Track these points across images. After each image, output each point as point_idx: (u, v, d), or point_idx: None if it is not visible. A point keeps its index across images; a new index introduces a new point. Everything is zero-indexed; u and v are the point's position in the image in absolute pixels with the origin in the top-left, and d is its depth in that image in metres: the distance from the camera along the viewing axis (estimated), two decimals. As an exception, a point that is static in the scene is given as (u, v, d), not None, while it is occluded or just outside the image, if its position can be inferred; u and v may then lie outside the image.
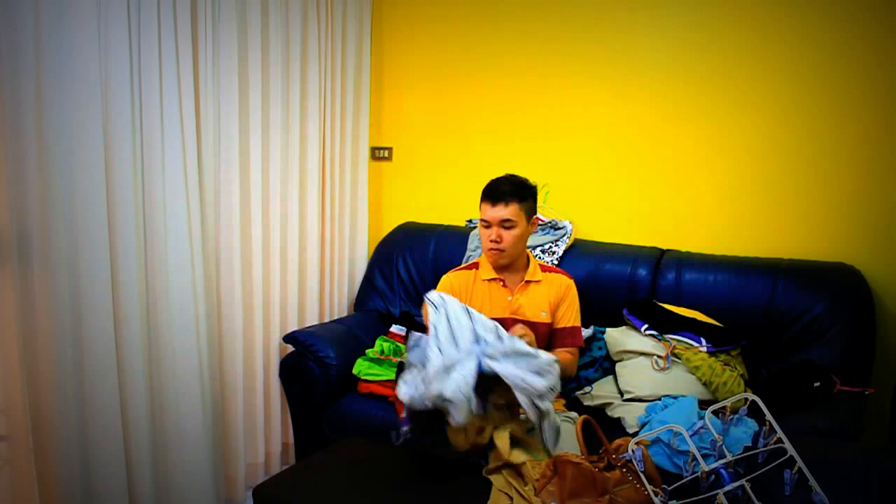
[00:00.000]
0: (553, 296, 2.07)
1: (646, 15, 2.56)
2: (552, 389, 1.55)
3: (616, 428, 2.06)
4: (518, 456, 1.63)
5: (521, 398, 1.52)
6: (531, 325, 2.04)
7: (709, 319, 2.22)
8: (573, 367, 2.10)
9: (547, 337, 2.08)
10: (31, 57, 1.70)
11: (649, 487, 1.43)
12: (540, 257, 2.50)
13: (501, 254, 2.01)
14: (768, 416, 1.48)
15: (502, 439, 1.60)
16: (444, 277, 2.16)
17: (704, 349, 2.12)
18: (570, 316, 2.09)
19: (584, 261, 2.49)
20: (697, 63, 2.49)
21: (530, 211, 2.04)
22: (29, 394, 1.76)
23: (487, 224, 2.01)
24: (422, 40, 3.01)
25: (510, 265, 2.08)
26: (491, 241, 2.00)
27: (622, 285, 2.41)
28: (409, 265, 2.86)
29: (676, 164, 2.56)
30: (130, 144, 1.98)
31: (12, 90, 1.68)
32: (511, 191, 1.99)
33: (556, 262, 2.50)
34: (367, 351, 2.53)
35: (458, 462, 1.70)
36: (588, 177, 2.73)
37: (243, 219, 2.45)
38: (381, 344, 2.57)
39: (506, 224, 1.98)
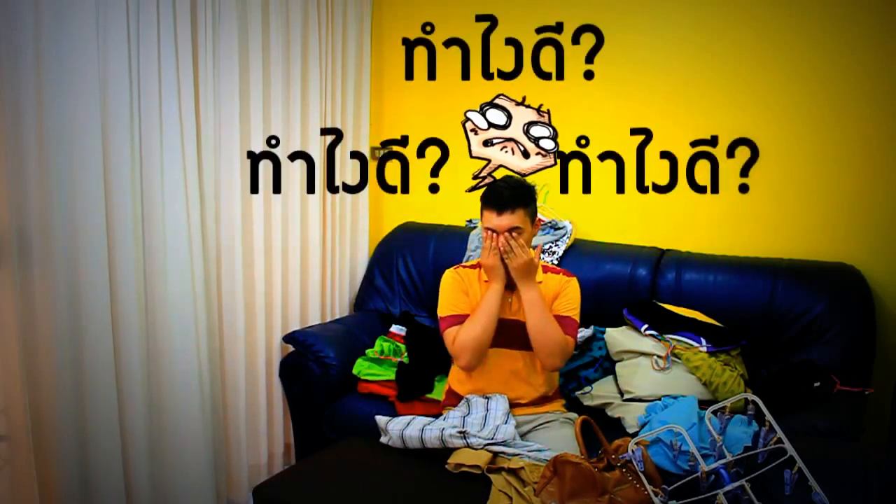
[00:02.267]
0: (551, 295, 2.06)
1: (645, 15, 2.56)
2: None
3: (616, 428, 2.06)
4: (516, 461, 1.64)
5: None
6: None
7: (709, 319, 2.22)
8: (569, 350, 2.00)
9: None
10: (31, 57, 1.70)
11: (649, 487, 1.43)
12: (540, 257, 2.49)
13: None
14: (768, 416, 1.48)
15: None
16: (449, 271, 2.13)
17: (704, 349, 2.12)
18: (563, 306, 2.01)
19: (584, 261, 2.49)
20: (696, 62, 2.49)
21: (533, 214, 2.01)
22: (29, 394, 1.76)
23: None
24: (422, 40, 3.00)
25: None
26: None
27: (622, 285, 2.41)
28: (409, 265, 2.86)
29: (676, 163, 2.56)
30: (129, 145, 1.98)
31: (12, 90, 1.68)
32: (515, 196, 1.93)
33: (556, 261, 2.50)
34: (367, 351, 2.53)
35: (458, 463, 1.69)
36: (588, 176, 2.72)
37: (244, 219, 2.45)
38: (381, 344, 2.57)
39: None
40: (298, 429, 2.59)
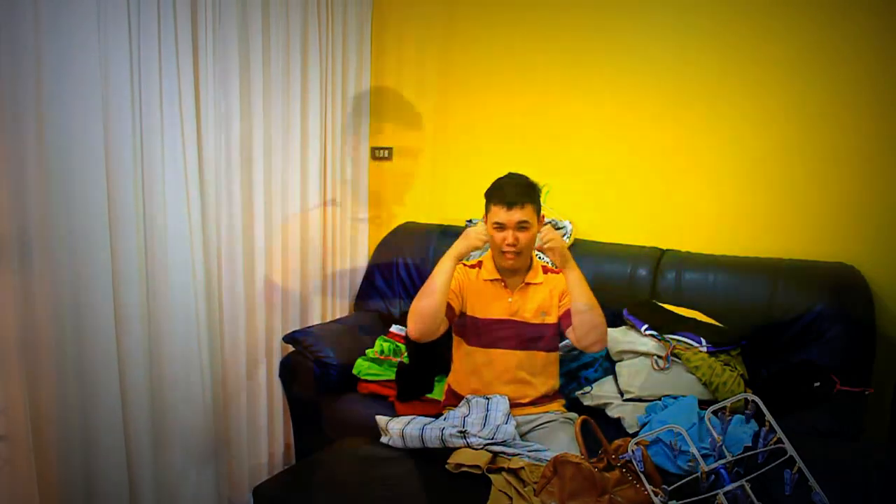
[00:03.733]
0: (557, 293, 2.06)
1: (645, 18, 2.56)
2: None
3: (616, 428, 2.06)
4: (516, 461, 1.64)
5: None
6: (530, 328, 2.04)
7: (709, 319, 2.23)
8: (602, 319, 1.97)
9: (551, 337, 2.06)
10: (32, 57, 1.70)
11: (649, 487, 1.43)
12: (540, 257, 2.50)
13: (518, 257, 2.00)
14: (768, 416, 1.48)
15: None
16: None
17: (704, 349, 2.12)
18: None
19: (584, 261, 2.47)
20: (696, 65, 2.49)
21: (539, 209, 2.04)
22: (29, 394, 1.76)
23: (501, 227, 1.98)
24: (422, 40, 3.01)
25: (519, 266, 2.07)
26: (508, 244, 1.97)
27: (622, 285, 2.41)
28: (409, 265, 2.86)
29: (676, 164, 2.56)
30: (130, 144, 1.98)
31: (12, 90, 1.68)
32: (524, 192, 1.97)
33: (556, 262, 2.50)
34: (367, 351, 2.53)
35: (458, 463, 1.69)
36: (588, 177, 2.73)
37: (245, 219, 2.45)
38: (381, 344, 2.57)
39: (522, 225, 1.96)
40: (298, 429, 2.59)
